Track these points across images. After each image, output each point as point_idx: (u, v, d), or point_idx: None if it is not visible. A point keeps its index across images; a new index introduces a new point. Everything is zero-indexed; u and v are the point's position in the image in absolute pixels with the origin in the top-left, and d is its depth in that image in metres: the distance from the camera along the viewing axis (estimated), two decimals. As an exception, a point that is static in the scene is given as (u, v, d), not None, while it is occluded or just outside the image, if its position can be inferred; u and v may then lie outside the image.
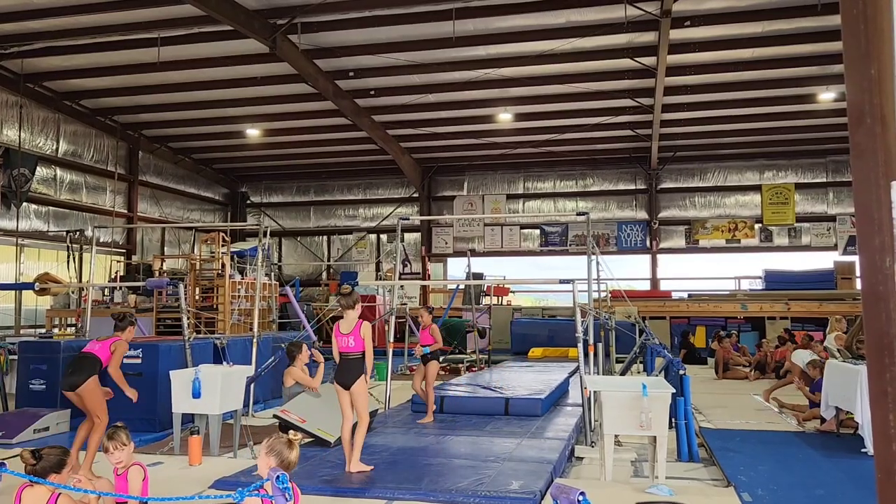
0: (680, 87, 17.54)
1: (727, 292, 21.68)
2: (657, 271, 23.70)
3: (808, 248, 22.82)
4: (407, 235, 24.65)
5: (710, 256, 23.86)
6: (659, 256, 23.75)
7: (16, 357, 9.57)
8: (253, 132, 21.31)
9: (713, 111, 19.26)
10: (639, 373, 12.20)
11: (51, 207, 19.17)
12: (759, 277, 22.26)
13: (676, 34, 14.53)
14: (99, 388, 6.40)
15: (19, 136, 17.80)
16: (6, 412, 8.70)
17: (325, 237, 26.42)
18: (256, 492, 3.18)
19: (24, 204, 17.93)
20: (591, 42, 15.32)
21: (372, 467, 6.03)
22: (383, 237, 25.85)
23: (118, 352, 6.53)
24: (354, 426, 6.08)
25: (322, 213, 26.49)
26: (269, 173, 26.39)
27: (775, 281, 20.89)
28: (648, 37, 15.08)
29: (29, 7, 13.86)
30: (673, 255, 23.88)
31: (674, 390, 6.16)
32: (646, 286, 23.42)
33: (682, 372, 7.28)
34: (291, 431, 3.89)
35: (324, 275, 25.97)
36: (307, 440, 7.33)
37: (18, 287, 13.84)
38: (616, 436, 6.33)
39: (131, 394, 6.49)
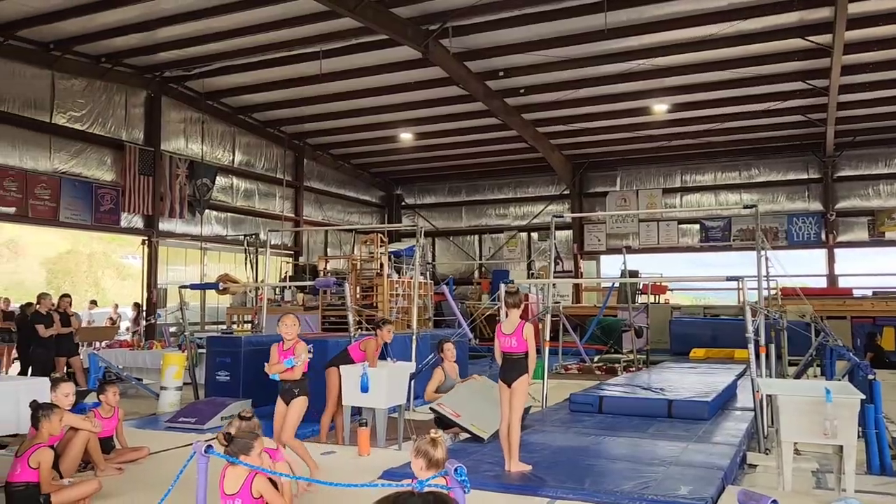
0: (860, 65, 16.01)
1: (920, 289, 19.49)
2: (834, 267, 21.80)
3: None
4: (558, 233, 24.39)
5: (897, 250, 21.58)
6: (836, 251, 21.83)
7: (204, 351, 10.51)
8: (406, 136, 22.04)
9: (900, 89, 17.40)
10: (815, 376, 11.29)
11: (228, 213, 20.95)
12: (959, 273, 19.84)
13: (856, 7, 13.26)
14: (333, 378, 7.45)
15: (202, 149, 19.61)
16: (197, 401, 9.56)
17: (476, 236, 26.77)
18: (436, 482, 3.28)
19: (206, 211, 19.75)
20: (757, 23, 14.39)
21: (531, 467, 6.00)
22: (534, 235, 25.78)
23: (368, 349, 7.42)
24: None
25: (473, 213, 26.85)
26: (422, 175, 27.16)
27: (979, 276, 18.52)
28: (822, 13, 13.91)
29: (209, 31, 15.20)
30: (853, 249, 21.84)
31: (863, 396, 5.63)
32: (821, 283, 21.62)
33: (870, 376, 6.64)
34: (433, 430, 3.94)
35: (476, 273, 26.32)
36: (464, 436, 7.46)
37: (206, 287, 15.34)
38: (794, 444, 5.88)
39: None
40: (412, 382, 8.56)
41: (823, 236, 21.83)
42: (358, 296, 15.17)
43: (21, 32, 14.70)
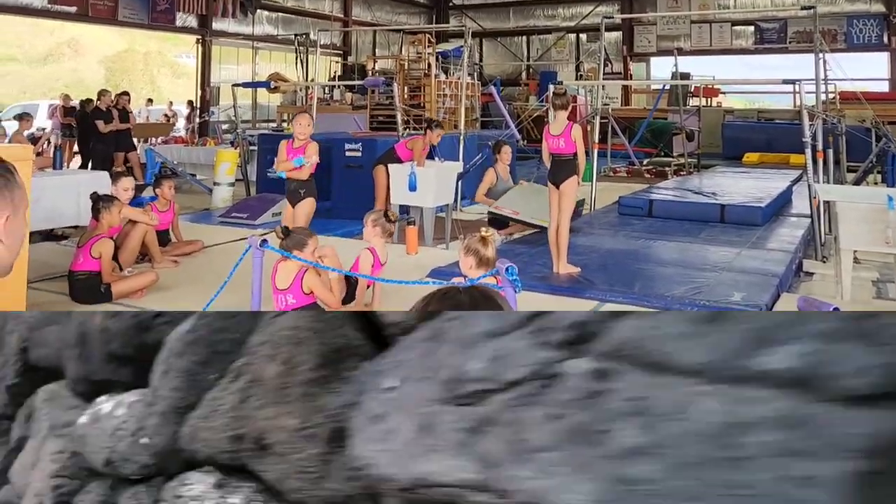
0: None
1: None
2: (897, 71, 20.39)
3: None
4: (607, 34, 22.91)
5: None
6: (899, 54, 20.30)
7: (255, 148, 10.54)
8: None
9: None
10: (876, 184, 10.91)
11: (279, 14, 20.37)
12: None
13: None
14: (381, 177, 7.51)
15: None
16: (249, 197, 9.72)
17: (524, 37, 25.53)
18: (489, 281, 3.28)
19: (258, 11, 19.22)
20: None
21: (579, 269, 5.96)
22: (582, 37, 24.46)
23: (416, 148, 7.46)
24: None
25: (521, 14, 25.40)
26: (469, -27, 25.41)
27: None
28: None
29: None
30: (919, 51, 20.25)
31: (927, 204, 5.37)
32: (883, 87, 20.28)
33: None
34: (483, 228, 3.88)
35: (523, 75, 25.40)
36: (517, 234, 7.53)
37: (257, 85, 15.28)
38: (854, 252, 5.74)
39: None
40: (460, 182, 8.51)
41: (885, 39, 20.22)
42: (406, 96, 14.82)
43: None
